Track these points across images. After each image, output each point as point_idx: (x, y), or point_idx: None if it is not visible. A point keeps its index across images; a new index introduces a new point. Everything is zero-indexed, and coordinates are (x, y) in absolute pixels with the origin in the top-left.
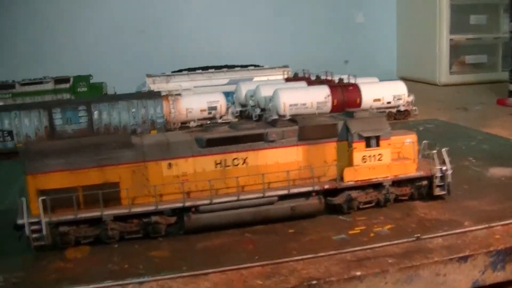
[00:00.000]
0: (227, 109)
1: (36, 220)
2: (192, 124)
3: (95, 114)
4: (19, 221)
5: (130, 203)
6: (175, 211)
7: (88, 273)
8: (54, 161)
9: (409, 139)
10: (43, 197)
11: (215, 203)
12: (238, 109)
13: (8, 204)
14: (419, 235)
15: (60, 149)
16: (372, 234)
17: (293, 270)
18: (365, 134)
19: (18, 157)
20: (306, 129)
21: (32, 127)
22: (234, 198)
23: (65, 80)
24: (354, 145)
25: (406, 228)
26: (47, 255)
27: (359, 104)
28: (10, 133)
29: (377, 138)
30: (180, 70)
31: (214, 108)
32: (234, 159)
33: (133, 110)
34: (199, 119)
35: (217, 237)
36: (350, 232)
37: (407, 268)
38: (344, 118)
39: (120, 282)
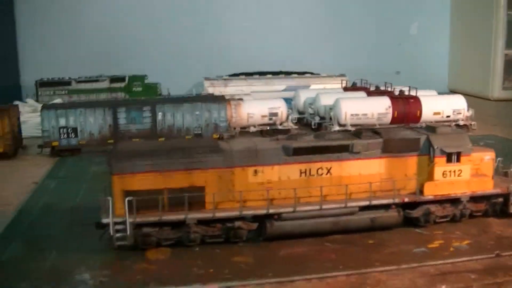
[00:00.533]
0: (288, 115)
1: (120, 220)
2: (252, 129)
3: (159, 116)
4: (104, 220)
5: (215, 208)
6: (257, 218)
7: (174, 275)
8: (141, 162)
9: (488, 156)
10: (130, 198)
11: (298, 211)
12: (296, 116)
13: (79, 201)
14: (498, 252)
15: (148, 151)
16: (451, 249)
17: (379, 281)
18: (448, 150)
19: (81, 153)
20: (390, 142)
21: (97, 125)
22: (317, 207)
23: (121, 79)
24: (436, 160)
25: (485, 245)
26: (129, 255)
27: (419, 117)
28: (74, 130)
29: (459, 154)
30: (237, 74)
31: (275, 114)
32: (319, 168)
33: (197, 112)
34: (259, 125)
35: (297, 245)
36: (429, 245)
37: (490, 284)
38: (426, 132)
39: (209, 287)
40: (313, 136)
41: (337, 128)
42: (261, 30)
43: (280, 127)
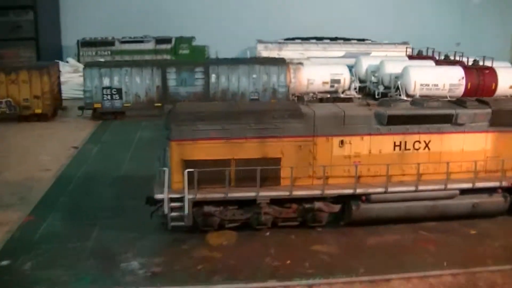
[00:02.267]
0: (351, 83)
1: (178, 196)
2: (305, 98)
3: (213, 78)
4: (157, 195)
5: (292, 185)
6: (340, 198)
7: (243, 267)
8: (206, 127)
9: None
10: (190, 170)
11: (389, 192)
12: (357, 84)
13: (125, 170)
14: None
15: (214, 114)
16: None
17: (493, 284)
18: None
19: (126, 117)
20: (500, 113)
21: (143, 86)
22: (412, 188)
23: (167, 40)
24: None
25: None
26: (186, 239)
27: (494, 90)
28: (119, 91)
29: None
30: (291, 39)
31: (338, 82)
32: (416, 141)
33: (254, 76)
34: (319, 92)
35: (387, 232)
36: None
37: None
38: None
39: (287, 283)
40: (410, 103)
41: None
42: None
43: (342, 96)
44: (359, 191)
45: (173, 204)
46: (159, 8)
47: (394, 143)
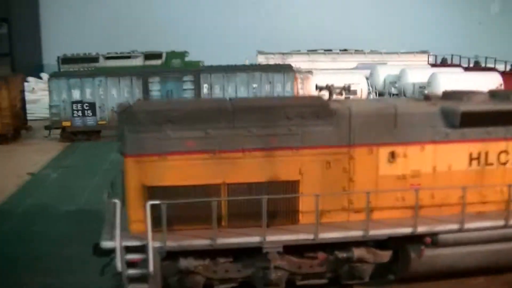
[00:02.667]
0: (368, 94)
1: (137, 243)
2: None
3: (205, 88)
4: (105, 243)
5: (317, 223)
6: (390, 242)
7: None
8: (181, 133)
9: None
10: (155, 202)
11: (467, 230)
12: (375, 96)
13: (84, 202)
14: None
15: (194, 113)
16: None
17: None
18: None
19: (101, 138)
20: None
21: (121, 100)
22: (500, 222)
23: (157, 55)
24: None
25: None
26: None
27: None
28: (91, 106)
29: None
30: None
31: (354, 93)
32: (502, 152)
33: (255, 85)
34: None
35: None
36: None
37: None
38: None
39: None
40: (488, 95)
41: None
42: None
43: None
44: (421, 229)
45: (130, 257)
46: (148, 20)
47: (470, 154)
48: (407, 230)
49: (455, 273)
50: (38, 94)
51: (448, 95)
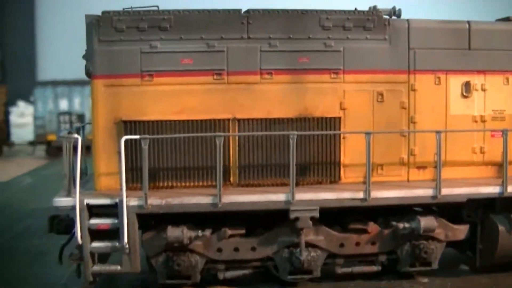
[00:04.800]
0: None
1: (106, 201)
2: None
3: None
4: (59, 201)
5: (369, 176)
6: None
7: None
8: (171, 44)
9: None
10: (132, 137)
11: None
12: None
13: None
14: None
15: (190, 16)
16: None
17: None
18: None
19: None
20: None
21: None
22: None
23: None
24: None
25: None
26: None
27: None
28: (80, 117)
29: None
30: None
31: None
32: None
33: None
34: None
35: None
36: None
37: None
38: None
39: None
40: None
41: None
42: None
43: None
44: None
45: (96, 222)
46: None
47: None
48: (494, 190)
49: None
50: (27, 119)
51: None
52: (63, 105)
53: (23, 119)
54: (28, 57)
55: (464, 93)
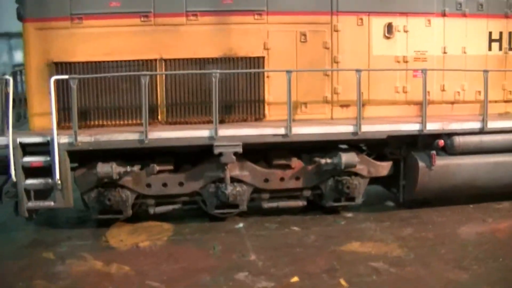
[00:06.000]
0: None
1: (38, 139)
2: None
3: None
4: None
5: (290, 114)
6: (389, 149)
7: None
8: None
9: None
10: (61, 77)
11: (491, 132)
12: None
13: None
14: None
15: None
16: None
17: None
18: None
19: None
20: None
21: None
22: None
23: None
24: None
25: None
26: (60, 239)
27: None
28: None
29: None
30: None
31: None
32: None
33: None
34: None
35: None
36: None
37: None
38: None
39: None
40: None
41: None
42: None
43: None
44: (431, 127)
45: (28, 160)
46: None
47: (490, 34)
48: (413, 127)
49: (471, 191)
50: None
51: None
52: (18, 57)
53: None
54: None
55: (387, 34)
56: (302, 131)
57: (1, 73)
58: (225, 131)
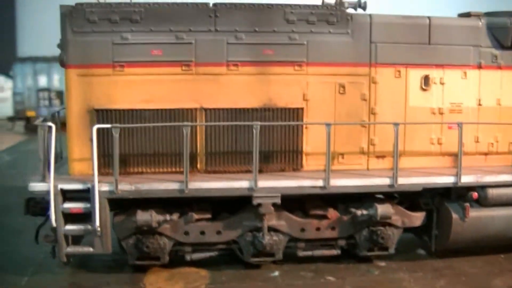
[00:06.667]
0: None
1: (78, 186)
2: None
3: None
4: (34, 185)
5: (329, 164)
6: (423, 199)
7: None
8: (143, 36)
9: None
10: (103, 126)
11: None
12: None
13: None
14: None
15: (157, 10)
16: None
17: None
18: None
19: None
20: None
21: None
22: None
23: None
24: None
25: None
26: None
27: None
28: (59, 94)
29: None
30: None
31: None
32: None
33: None
34: None
35: None
36: None
37: None
38: None
39: None
40: None
41: None
42: None
43: None
44: (466, 180)
45: (69, 206)
46: None
47: None
48: (448, 180)
49: (503, 242)
50: (6, 93)
51: (494, 13)
52: (42, 81)
53: (2, 93)
54: (7, 32)
55: (423, 86)
56: (340, 183)
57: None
58: (265, 183)
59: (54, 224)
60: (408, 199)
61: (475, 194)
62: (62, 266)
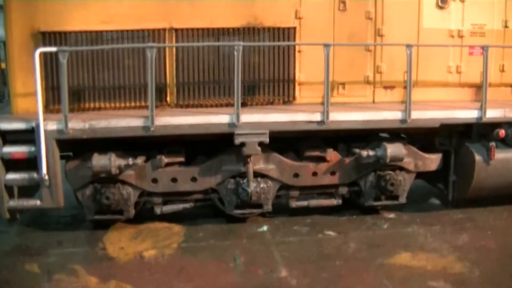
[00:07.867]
0: None
1: (20, 126)
2: None
3: None
4: None
5: (327, 95)
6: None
7: None
8: None
9: None
10: (48, 49)
11: None
12: None
13: None
14: None
15: None
16: None
17: None
18: None
19: None
20: None
21: None
22: None
23: None
24: None
25: None
26: (46, 243)
27: None
28: None
29: None
30: None
31: None
32: None
33: None
34: None
35: None
36: None
37: None
38: None
39: None
40: None
41: None
42: None
43: None
44: (491, 114)
45: (9, 150)
46: None
47: None
48: (471, 114)
49: None
50: None
51: None
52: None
53: None
54: None
55: (440, 4)
56: (342, 117)
57: None
58: (249, 117)
59: None
60: (419, 139)
61: (502, 132)
62: (8, 225)
